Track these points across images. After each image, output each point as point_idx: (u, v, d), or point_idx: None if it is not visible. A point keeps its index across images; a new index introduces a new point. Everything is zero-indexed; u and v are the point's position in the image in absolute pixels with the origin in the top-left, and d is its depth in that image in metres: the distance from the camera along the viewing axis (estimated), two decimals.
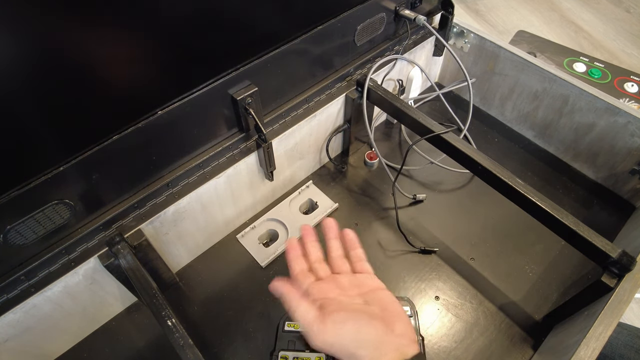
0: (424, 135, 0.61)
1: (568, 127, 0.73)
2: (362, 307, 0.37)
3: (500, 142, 0.82)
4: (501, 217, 0.70)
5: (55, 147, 0.40)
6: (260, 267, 0.65)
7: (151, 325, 0.60)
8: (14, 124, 0.36)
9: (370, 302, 0.38)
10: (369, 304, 0.38)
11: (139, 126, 0.45)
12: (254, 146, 0.60)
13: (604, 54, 1.12)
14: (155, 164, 0.50)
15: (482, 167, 0.56)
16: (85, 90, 0.38)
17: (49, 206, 0.43)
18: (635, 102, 0.96)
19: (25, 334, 0.49)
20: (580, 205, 0.72)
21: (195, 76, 0.47)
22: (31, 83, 0.35)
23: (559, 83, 0.70)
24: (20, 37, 0.32)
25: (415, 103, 0.88)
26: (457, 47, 0.83)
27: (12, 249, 0.42)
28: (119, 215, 0.50)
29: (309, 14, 0.55)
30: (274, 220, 0.71)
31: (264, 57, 0.52)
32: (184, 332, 0.43)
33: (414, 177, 0.77)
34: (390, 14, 0.68)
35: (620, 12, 1.26)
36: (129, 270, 0.50)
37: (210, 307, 0.61)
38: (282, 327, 0.53)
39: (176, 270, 0.65)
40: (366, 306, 0.37)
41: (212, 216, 0.63)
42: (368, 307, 0.37)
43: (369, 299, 0.38)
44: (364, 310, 0.36)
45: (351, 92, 0.68)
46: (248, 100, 0.52)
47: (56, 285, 0.48)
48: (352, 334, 0.34)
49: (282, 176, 0.70)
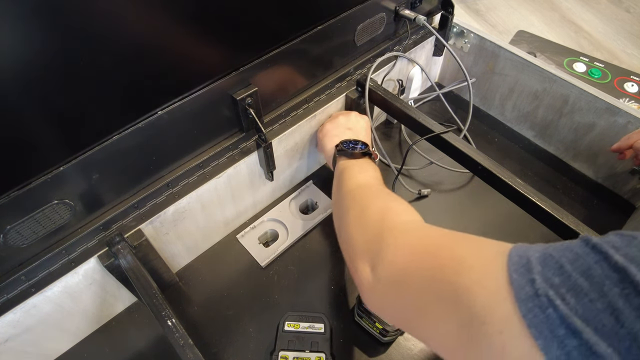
0: (424, 135, 0.61)
1: (568, 127, 0.73)
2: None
3: (500, 142, 0.82)
4: (501, 217, 0.70)
5: (55, 147, 0.40)
6: (260, 267, 0.65)
7: (151, 325, 0.60)
8: (14, 124, 0.36)
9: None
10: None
11: (139, 126, 0.45)
12: (254, 146, 0.60)
13: (604, 54, 1.12)
14: (155, 164, 0.50)
15: (482, 167, 0.56)
16: (85, 90, 0.38)
17: (49, 206, 0.43)
18: (635, 102, 0.96)
19: (25, 334, 0.49)
20: (580, 205, 0.72)
21: (196, 76, 0.47)
22: (31, 83, 0.35)
23: (559, 83, 0.70)
24: (20, 36, 0.32)
25: (415, 103, 0.88)
26: (457, 47, 0.83)
27: (12, 249, 0.43)
28: (119, 215, 0.50)
29: (309, 14, 0.55)
30: (274, 220, 0.71)
31: (264, 57, 0.52)
32: (184, 332, 0.43)
33: (414, 177, 0.77)
34: (390, 14, 0.68)
35: (620, 12, 1.26)
36: (129, 270, 0.50)
37: (210, 307, 0.61)
38: (282, 327, 0.54)
39: (176, 270, 0.65)
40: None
41: (212, 216, 0.63)
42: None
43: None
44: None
45: (351, 92, 0.68)
46: (248, 100, 0.52)
47: (56, 285, 0.49)
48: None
49: (282, 176, 0.70)
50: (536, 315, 0.22)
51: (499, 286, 0.24)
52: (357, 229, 0.42)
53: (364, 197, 0.46)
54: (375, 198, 0.45)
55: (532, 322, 0.22)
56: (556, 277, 0.22)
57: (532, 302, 0.22)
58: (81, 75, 0.37)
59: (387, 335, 0.54)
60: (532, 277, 0.23)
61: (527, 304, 0.22)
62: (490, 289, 0.25)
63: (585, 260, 0.22)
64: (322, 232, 0.69)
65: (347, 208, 0.46)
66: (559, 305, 0.21)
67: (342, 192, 0.49)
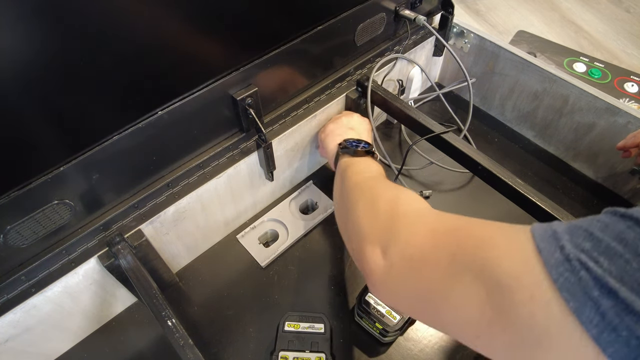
0: (424, 135, 0.61)
1: (568, 127, 0.73)
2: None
3: (500, 142, 0.82)
4: (501, 217, 0.70)
5: (55, 147, 0.40)
6: (260, 267, 0.65)
7: (151, 325, 0.60)
8: (14, 124, 0.36)
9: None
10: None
11: (139, 126, 0.45)
12: (254, 146, 0.60)
13: (604, 54, 1.12)
14: (155, 164, 0.50)
15: (482, 167, 0.56)
16: (85, 90, 0.38)
17: (49, 206, 0.43)
18: (635, 102, 0.96)
19: (26, 334, 0.49)
20: (580, 205, 0.72)
21: (196, 76, 0.47)
22: (31, 83, 0.35)
23: (559, 83, 0.70)
24: (20, 36, 0.32)
25: (415, 103, 0.88)
26: (457, 47, 0.83)
27: (12, 249, 0.43)
28: (119, 215, 0.50)
29: (309, 14, 0.55)
30: (274, 221, 0.71)
31: (264, 57, 0.52)
32: (184, 332, 0.43)
33: (414, 177, 0.77)
34: (390, 14, 0.68)
35: (620, 12, 1.26)
36: (129, 270, 0.50)
37: (210, 307, 0.61)
38: (282, 327, 0.54)
39: (176, 270, 0.65)
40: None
41: (212, 216, 0.63)
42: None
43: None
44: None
45: (351, 92, 0.68)
46: (248, 101, 0.52)
47: (56, 286, 0.49)
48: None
49: (282, 176, 0.70)
50: (567, 278, 0.21)
51: (526, 256, 0.24)
52: (367, 219, 0.41)
53: (373, 188, 0.45)
54: (385, 189, 0.44)
55: (563, 285, 0.21)
56: (587, 242, 0.22)
57: (563, 266, 0.22)
58: (81, 75, 0.37)
59: (387, 335, 0.54)
60: (561, 244, 0.23)
61: (558, 268, 0.22)
62: (518, 258, 0.25)
63: (616, 226, 0.22)
64: (322, 232, 0.69)
65: (355, 200, 0.45)
66: (592, 267, 0.21)
67: (349, 186, 0.48)
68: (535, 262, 0.23)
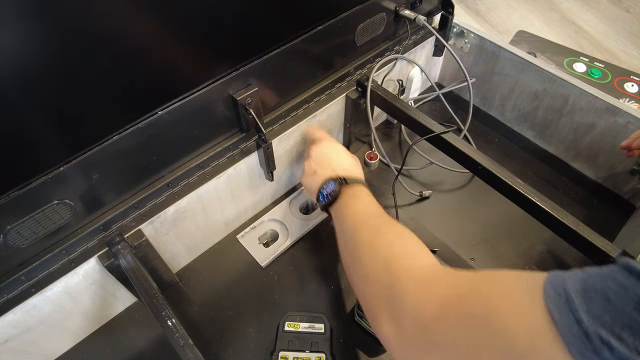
0: (424, 135, 0.61)
1: (568, 127, 0.73)
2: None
3: (500, 142, 0.82)
4: (501, 217, 0.70)
5: (55, 147, 0.40)
6: (260, 267, 0.65)
7: (151, 325, 0.60)
8: (14, 124, 0.36)
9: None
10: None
11: (139, 126, 0.45)
12: (254, 146, 0.60)
13: (604, 54, 1.12)
14: (155, 164, 0.50)
15: (482, 167, 0.56)
16: (85, 90, 0.38)
17: (49, 206, 0.43)
18: (635, 102, 0.96)
19: (26, 334, 0.49)
20: (580, 205, 0.72)
21: (196, 76, 0.47)
22: (31, 83, 0.35)
23: (559, 83, 0.70)
24: (20, 36, 0.32)
25: (415, 103, 0.88)
26: (457, 47, 0.83)
27: (12, 249, 0.43)
28: (119, 215, 0.50)
29: (309, 14, 0.55)
30: (274, 221, 0.71)
31: (264, 57, 0.52)
32: (184, 332, 0.43)
33: (414, 177, 0.77)
34: (390, 14, 0.68)
35: (620, 12, 1.26)
36: (129, 270, 0.50)
37: (210, 307, 0.61)
38: (282, 327, 0.54)
39: (176, 270, 0.65)
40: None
41: (212, 216, 0.63)
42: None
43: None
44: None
45: (351, 92, 0.68)
46: (248, 100, 0.52)
47: (56, 286, 0.49)
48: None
49: (282, 176, 0.70)
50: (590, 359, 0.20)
51: (541, 327, 0.23)
52: (369, 277, 0.39)
53: (368, 237, 0.43)
54: (379, 235, 0.43)
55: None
56: (605, 313, 0.20)
57: (584, 344, 0.21)
58: (81, 75, 0.37)
59: None
60: (578, 316, 0.21)
61: (578, 346, 0.21)
62: (532, 331, 0.23)
63: (635, 291, 0.20)
64: (322, 232, 0.69)
65: (357, 257, 0.43)
66: (616, 346, 0.19)
67: (345, 236, 0.46)
68: (552, 336, 0.22)
